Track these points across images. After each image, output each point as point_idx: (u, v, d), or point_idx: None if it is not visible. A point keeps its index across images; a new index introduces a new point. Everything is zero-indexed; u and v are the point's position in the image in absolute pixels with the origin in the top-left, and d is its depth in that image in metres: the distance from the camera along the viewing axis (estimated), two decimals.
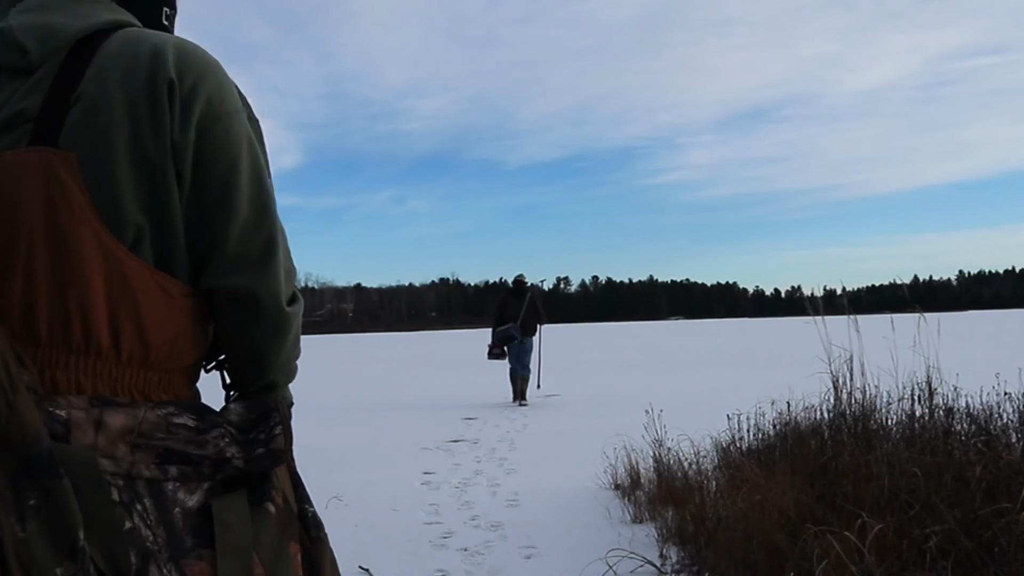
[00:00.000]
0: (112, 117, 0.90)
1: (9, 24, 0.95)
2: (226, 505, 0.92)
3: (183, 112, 0.92)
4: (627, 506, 4.22)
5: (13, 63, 0.93)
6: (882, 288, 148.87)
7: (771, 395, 4.34)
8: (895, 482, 2.75)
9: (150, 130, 0.91)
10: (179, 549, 0.86)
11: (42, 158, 0.88)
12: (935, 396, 3.43)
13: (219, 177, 0.95)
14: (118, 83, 0.91)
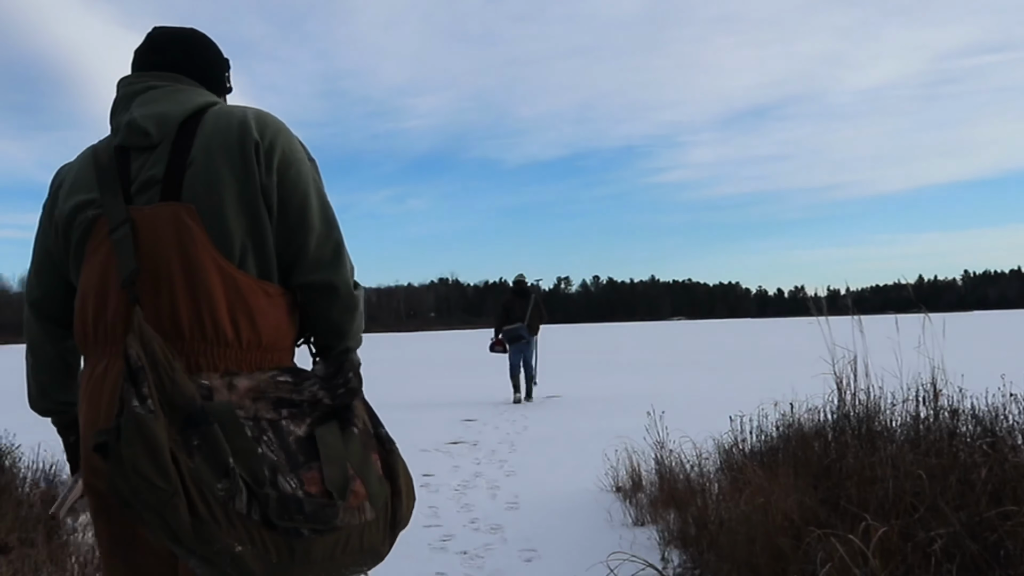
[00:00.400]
0: (217, 174, 1.36)
1: (133, 115, 1.41)
2: (324, 431, 1.33)
3: (266, 163, 1.38)
4: (628, 508, 4.22)
5: (141, 143, 1.40)
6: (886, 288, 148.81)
7: (774, 396, 4.34)
8: (899, 484, 2.75)
9: (245, 179, 1.37)
10: (296, 463, 1.27)
11: (172, 210, 1.35)
12: (940, 397, 3.43)
13: (296, 205, 1.41)
14: (218, 149, 1.37)
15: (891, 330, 3.71)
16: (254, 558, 1.21)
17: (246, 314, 1.37)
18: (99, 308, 1.41)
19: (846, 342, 3.66)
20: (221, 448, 1.22)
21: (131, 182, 1.40)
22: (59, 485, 4.16)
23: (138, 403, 1.20)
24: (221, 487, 1.20)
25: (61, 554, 2.95)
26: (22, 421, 3.31)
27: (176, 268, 1.35)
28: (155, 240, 1.36)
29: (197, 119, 1.42)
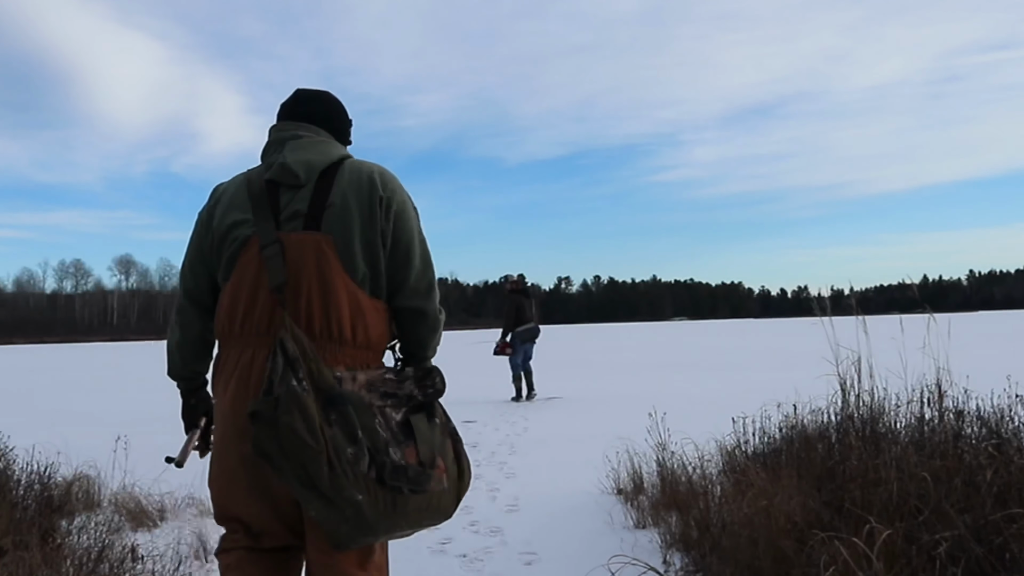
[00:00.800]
0: (351, 215, 1.82)
1: (286, 159, 1.86)
2: (416, 418, 1.81)
3: (385, 212, 1.84)
4: (630, 511, 4.22)
5: (291, 182, 1.85)
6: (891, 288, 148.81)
7: (777, 397, 4.35)
8: (904, 487, 2.75)
9: (370, 222, 1.84)
10: (398, 440, 1.76)
11: (314, 238, 1.81)
12: (945, 399, 3.43)
13: (403, 246, 1.89)
14: (352, 196, 1.84)
15: (895, 330, 3.71)
16: (369, 506, 1.70)
17: (362, 323, 1.86)
18: (248, 307, 1.85)
19: (850, 343, 3.66)
20: (352, 423, 1.72)
21: (279, 211, 1.86)
22: (53, 487, 4.16)
23: (296, 383, 1.69)
24: (351, 451, 1.70)
25: (56, 557, 2.94)
26: (17, 422, 3.31)
27: (314, 283, 1.82)
28: (299, 259, 1.82)
29: (335, 169, 1.90)
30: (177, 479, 4.76)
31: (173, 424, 7.89)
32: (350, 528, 1.72)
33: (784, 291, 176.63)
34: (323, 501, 1.68)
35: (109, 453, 4.88)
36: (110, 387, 17.18)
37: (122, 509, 4.34)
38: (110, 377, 21.15)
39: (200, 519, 4.32)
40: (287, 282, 1.81)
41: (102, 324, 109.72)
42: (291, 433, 1.65)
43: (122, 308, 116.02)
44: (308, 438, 1.66)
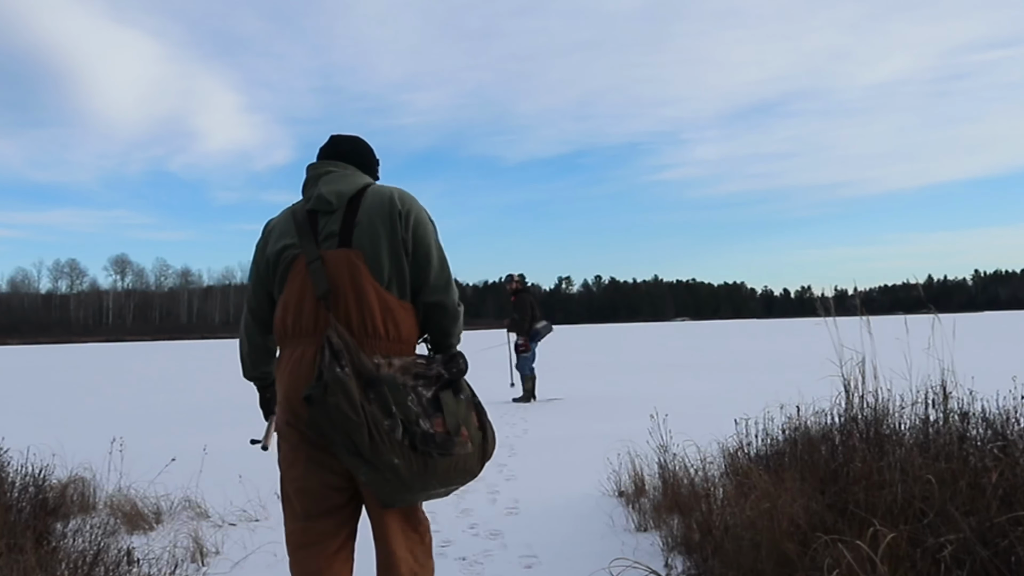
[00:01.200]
0: (375, 231, 2.23)
1: (321, 191, 2.28)
2: (445, 394, 2.21)
3: (404, 225, 2.23)
4: (631, 514, 4.22)
5: (326, 208, 2.28)
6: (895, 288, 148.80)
7: (780, 399, 4.35)
8: (908, 489, 2.75)
9: (392, 234, 2.24)
10: (428, 413, 2.14)
11: (346, 253, 2.22)
12: (950, 400, 3.43)
13: (422, 251, 2.28)
14: (375, 215, 2.25)
15: (900, 331, 3.72)
16: (404, 468, 2.09)
17: (392, 320, 2.26)
18: (298, 313, 2.28)
19: (854, 343, 3.66)
20: (387, 400, 2.12)
21: (319, 234, 2.30)
22: (48, 489, 4.16)
23: (339, 370, 2.10)
24: (387, 423, 2.09)
25: (51, 560, 2.95)
26: (12, 424, 3.30)
27: (349, 289, 2.24)
28: (336, 271, 2.25)
29: (361, 194, 2.33)
30: (173, 481, 4.76)
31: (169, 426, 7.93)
32: (391, 488, 2.15)
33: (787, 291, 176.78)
34: (368, 466, 2.11)
35: (104, 455, 4.89)
36: (105, 389, 17.19)
37: (118, 512, 4.34)
38: (105, 379, 21.15)
39: (196, 522, 4.32)
40: (329, 290, 2.26)
41: (97, 325, 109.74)
42: (337, 410, 2.08)
43: (118, 308, 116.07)
44: (351, 413, 2.07)
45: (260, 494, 4.69)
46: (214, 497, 4.70)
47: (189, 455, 5.53)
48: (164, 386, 17.43)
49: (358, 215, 2.29)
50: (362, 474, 2.14)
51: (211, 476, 5.09)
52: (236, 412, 11.21)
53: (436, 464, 2.14)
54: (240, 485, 4.87)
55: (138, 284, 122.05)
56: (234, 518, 4.48)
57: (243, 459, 6.58)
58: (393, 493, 2.17)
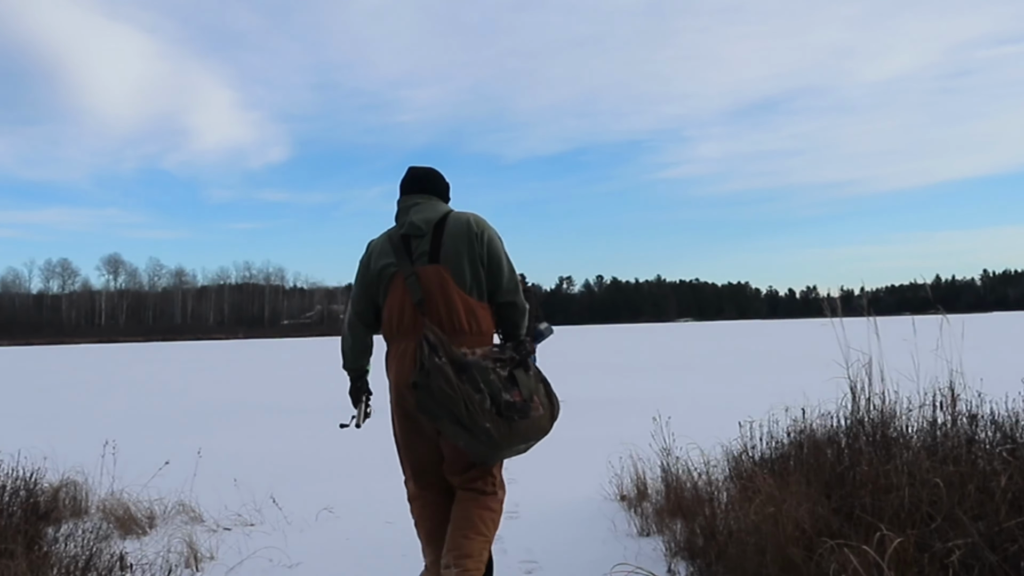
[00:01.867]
0: (458, 250, 2.95)
1: (412, 219, 3.00)
2: (518, 372, 2.87)
3: (480, 243, 2.95)
4: (633, 518, 4.22)
5: (417, 234, 2.99)
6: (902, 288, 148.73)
7: (785, 401, 4.35)
8: (916, 493, 2.75)
9: (471, 251, 2.96)
10: (507, 387, 2.83)
11: (435, 268, 2.94)
12: (958, 402, 3.43)
13: (495, 262, 3.00)
14: (457, 237, 2.97)
15: (907, 332, 3.72)
16: (495, 431, 2.73)
17: (474, 318, 2.94)
18: (400, 317, 2.98)
19: (860, 344, 3.66)
20: (476, 379, 2.75)
21: (412, 253, 2.99)
22: (39, 493, 4.16)
23: (437, 359, 2.75)
24: (478, 397, 2.73)
25: (42, 565, 2.95)
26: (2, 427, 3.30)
27: (439, 296, 2.92)
28: (428, 283, 2.93)
29: (444, 220, 3.01)
30: (167, 485, 4.77)
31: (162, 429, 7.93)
32: (486, 448, 2.80)
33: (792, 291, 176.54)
34: (467, 432, 2.75)
35: (97, 458, 4.89)
36: (98, 390, 17.19)
37: (110, 516, 4.34)
38: (98, 380, 21.15)
39: (190, 526, 4.32)
40: (424, 298, 2.94)
41: (89, 325, 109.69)
42: (440, 391, 2.73)
43: (110, 309, 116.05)
44: (450, 391, 2.73)
45: (255, 498, 4.69)
46: (208, 501, 4.70)
47: (183, 458, 5.53)
48: (157, 388, 17.43)
49: (443, 238, 2.99)
50: (461, 440, 2.80)
51: (205, 480, 5.09)
52: (231, 414, 11.21)
53: (518, 426, 2.81)
54: (235, 489, 4.87)
55: (131, 284, 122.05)
56: (229, 522, 4.48)
57: (238, 462, 6.59)
58: (488, 453, 2.83)
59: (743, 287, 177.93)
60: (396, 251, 3.02)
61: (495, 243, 3.03)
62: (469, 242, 2.97)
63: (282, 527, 4.39)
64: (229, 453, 7.23)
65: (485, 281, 3.00)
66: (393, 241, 3.05)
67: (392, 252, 3.03)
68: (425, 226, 3.00)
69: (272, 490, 4.82)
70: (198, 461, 5.17)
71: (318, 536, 4.30)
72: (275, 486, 5.09)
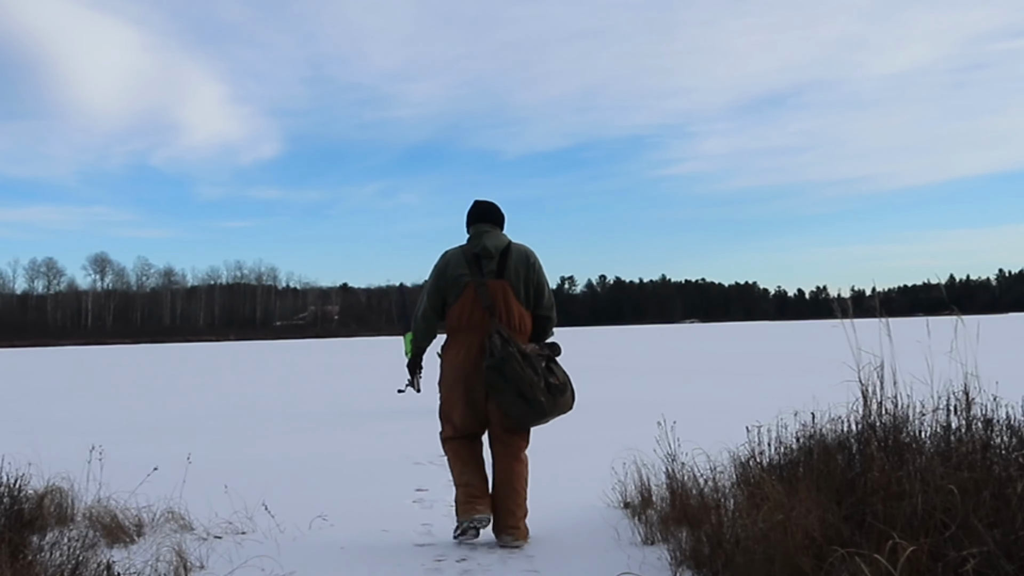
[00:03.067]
0: (519, 272, 4.26)
1: (485, 244, 4.24)
2: (552, 364, 4.25)
3: (533, 270, 4.29)
4: (637, 526, 4.22)
5: (488, 255, 4.24)
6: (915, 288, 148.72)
7: (794, 405, 4.35)
8: (929, 500, 2.75)
9: (527, 274, 4.28)
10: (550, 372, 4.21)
11: (501, 283, 4.22)
12: (973, 406, 3.43)
13: (540, 286, 4.34)
14: (518, 262, 4.28)
15: (921, 333, 3.71)
16: (546, 403, 4.03)
17: (523, 322, 4.22)
18: (469, 315, 4.15)
19: (872, 346, 3.66)
20: (534, 365, 4.05)
21: (482, 269, 4.18)
22: (24, 500, 4.16)
23: (511, 348, 4.01)
24: (535, 378, 4.01)
25: (27, 574, 2.95)
26: None
27: (502, 304, 4.15)
28: (495, 292, 4.15)
29: (508, 247, 4.25)
30: (155, 492, 4.76)
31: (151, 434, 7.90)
32: (536, 415, 4.07)
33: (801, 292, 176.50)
34: (525, 402, 4.01)
35: (83, 464, 4.88)
36: (84, 394, 17.19)
37: (97, 524, 4.34)
38: (84, 383, 21.16)
39: (179, 534, 4.32)
40: (492, 303, 4.15)
41: (76, 326, 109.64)
42: (513, 371, 3.98)
43: (97, 310, 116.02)
44: (520, 372, 3.98)
45: (247, 505, 4.69)
46: (198, 508, 4.70)
47: (172, 464, 5.53)
48: (146, 391, 17.43)
49: (508, 261, 4.23)
50: (518, 408, 4.05)
51: (195, 486, 5.09)
52: (221, 419, 11.22)
53: (558, 400, 4.13)
54: (226, 496, 4.87)
55: (118, 284, 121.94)
56: (219, 531, 4.48)
57: (229, 468, 6.59)
58: (537, 419, 4.12)
59: (751, 287, 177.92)
60: (470, 265, 4.22)
61: (541, 272, 4.36)
62: (527, 268, 4.26)
63: (274, 535, 4.39)
64: (219, 459, 7.23)
65: (533, 297, 4.29)
66: (467, 257, 4.24)
67: (466, 265, 4.22)
68: (494, 251, 4.23)
69: (264, 497, 4.82)
70: (187, 467, 5.17)
71: (312, 544, 4.30)
72: (267, 493, 5.09)
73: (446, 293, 4.23)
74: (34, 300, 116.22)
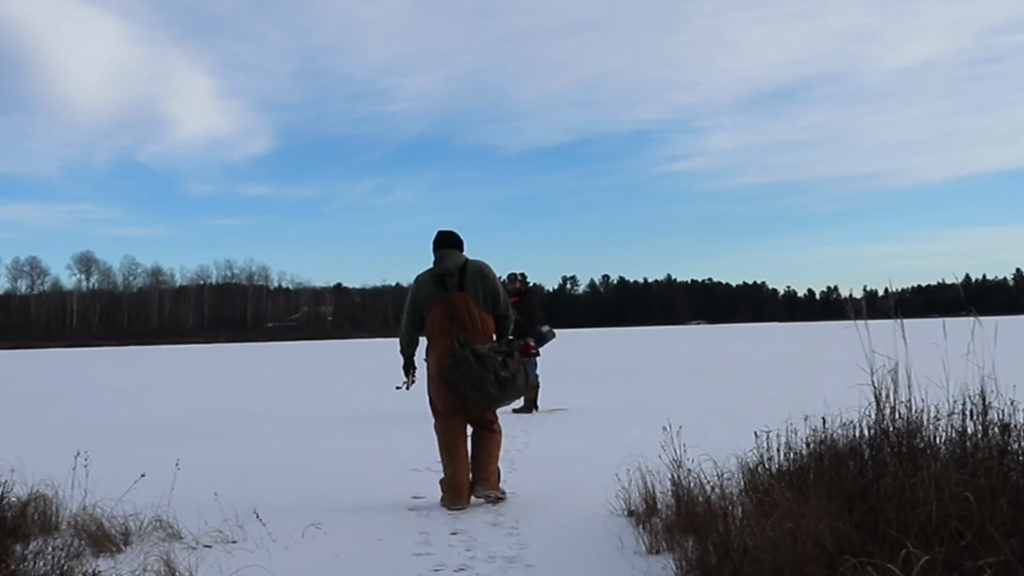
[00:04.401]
0: (475, 283, 5.56)
1: (446, 264, 5.56)
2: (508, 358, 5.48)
3: (487, 279, 5.62)
4: (642, 535, 4.22)
5: (448, 273, 5.55)
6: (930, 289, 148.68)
7: (804, 409, 4.34)
8: (944, 508, 2.76)
9: (483, 284, 5.58)
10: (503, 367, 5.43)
11: (463, 295, 5.53)
12: (990, 411, 3.43)
13: (495, 292, 5.65)
14: (474, 276, 5.58)
15: (936, 335, 3.72)
16: (496, 392, 5.31)
17: (485, 325, 5.52)
18: (440, 324, 5.45)
19: (885, 348, 3.66)
20: (485, 363, 5.29)
21: (446, 286, 5.49)
22: (6, 508, 4.16)
23: (465, 351, 5.28)
24: (486, 373, 5.27)
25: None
26: None
27: (464, 312, 5.44)
28: (458, 303, 5.46)
29: (465, 265, 5.54)
30: (143, 499, 4.76)
31: (138, 439, 7.89)
32: (490, 401, 5.31)
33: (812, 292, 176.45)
34: (479, 393, 5.25)
35: (68, 471, 4.88)
36: (69, 398, 17.20)
37: (82, 532, 4.34)
38: (69, 387, 21.16)
39: (168, 543, 4.33)
40: (455, 313, 5.38)
41: (60, 328, 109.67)
42: (467, 370, 5.22)
43: (82, 310, 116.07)
44: (472, 370, 5.21)
45: (237, 513, 4.69)
46: (187, 516, 4.70)
47: (160, 470, 5.53)
48: (133, 395, 17.43)
49: (466, 276, 5.47)
50: (475, 398, 5.28)
51: (184, 493, 5.09)
52: (211, 424, 11.22)
53: (508, 389, 5.31)
54: (216, 503, 4.88)
55: (104, 284, 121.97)
56: (209, 539, 4.48)
57: (219, 475, 6.59)
58: (490, 404, 5.35)
59: (759, 287, 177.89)
60: (436, 284, 5.50)
61: (495, 280, 5.62)
62: (482, 279, 5.53)
63: (266, 544, 4.39)
64: (209, 465, 7.23)
65: (490, 301, 5.55)
66: (433, 277, 5.52)
67: (433, 284, 5.51)
68: (454, 268, 5.49)
69: (255, 504, 4.82)
70: (176, 473, 5.17)
71: (305, 554, 4.30)
72: (258, 500, 5.10)
73: (421, 309, 5.56)
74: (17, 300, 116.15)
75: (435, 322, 5.43)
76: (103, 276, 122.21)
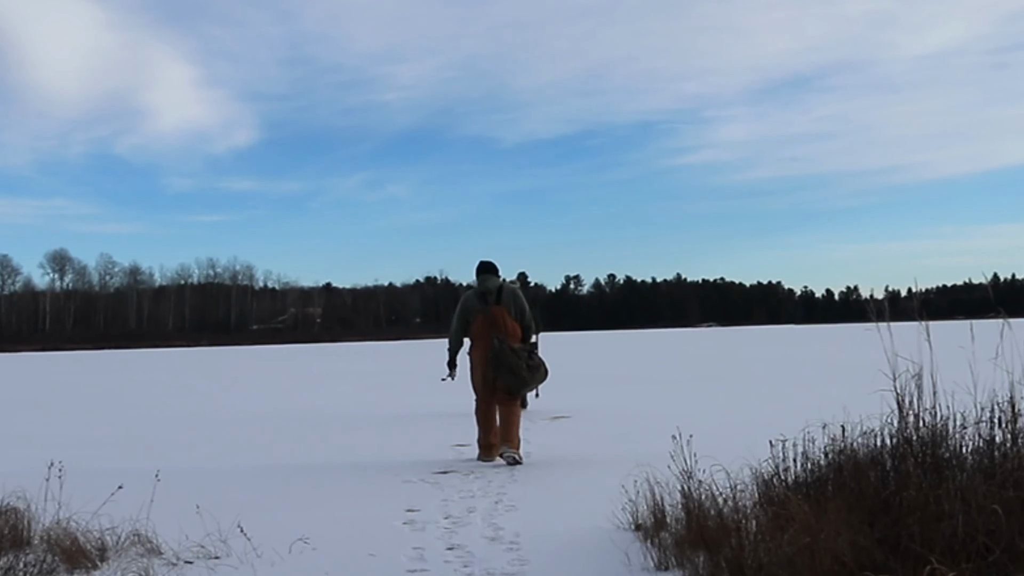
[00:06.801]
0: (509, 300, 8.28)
1: (487, 286, 8.32)
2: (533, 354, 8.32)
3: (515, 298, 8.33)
4: (650, 550, 4.23)
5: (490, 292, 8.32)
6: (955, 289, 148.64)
7: (822, 417, 4.35)
8: (971, 521, 2.76)
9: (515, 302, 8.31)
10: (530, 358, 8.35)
11: (500, 308, 8.24)
12: (1020, 418, 3.43)
13: (522, 308, 8.37)
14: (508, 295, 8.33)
15: (962, 338, 3.72)
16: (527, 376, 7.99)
17: (515, 331, 8.13)
18: (483, 330, 8.07)
19: (909, 352, 3.66)
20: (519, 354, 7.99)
21: (487, 302, 8.16)
22: None
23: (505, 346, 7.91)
24: (519, 361, 7.96)
25: None
26: None
27: (501, 321, 8.07)
28: (496, 314, 8.10)
29: (501, 287, 8.25)
30: (120, 512, 4.77)
31: (115, 448, 7.89)
32: (520, 384, 7.95)
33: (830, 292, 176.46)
34: (514, 376, 7.81)
35: (41, 481, 4.88)
36: (42, 404, 17.20)
37: (56, 547, 4.34)
38: (42, 392, 21.17)
39: (147, 559, 4.33)
40: (494, 321, 7.98)
41: (32, 330, 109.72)
42: (505, 357, 7.79)
43: (55, 312, 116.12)
44: (509, 359, 7.80)
45: (220, 527, 4.70)
46: (167, 530, 4.71)
47: (138, 482, 5.53)
48: (109, 401, 17.44)
49: (502, 295, 8.02)
50: (510, 379, 7.75)
51: (164, 506, 5.10)
52: (192, 432, 11.23)
53: (535, 374, 7.94)
54: (197, 517, 4.88)
55: (79, 284, 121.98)
56: (190, 555, 4.48)
57: (201, 486, 6.59)
58: (520, 386, 7.96)
59: (774, 288, 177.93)
60: (479, 300, 7.95)
61: (523, 299, 8.04)
62: (513, 298, 7.97)
63: (251, 560, 4.39)
64: (191, 475, 7.24)
65: (518, 314, 7.93)
66: (478, 295, 7.98)
67: (477, 300, 7.96)
68: (493, 289, 7.95)
69: (239, 517, 4.82)
70: (155, 484, 5.17)
71: (292, 570, 4.30)
72: (243, 513, 5.10)
73: (468, 318, 8.01)
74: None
75: (479, 327, 7.92)
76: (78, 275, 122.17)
